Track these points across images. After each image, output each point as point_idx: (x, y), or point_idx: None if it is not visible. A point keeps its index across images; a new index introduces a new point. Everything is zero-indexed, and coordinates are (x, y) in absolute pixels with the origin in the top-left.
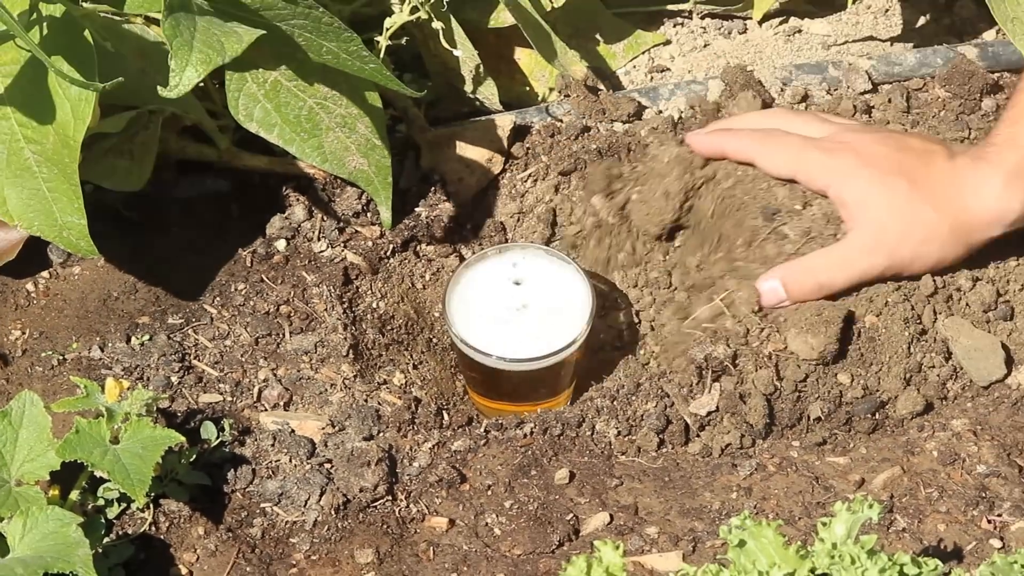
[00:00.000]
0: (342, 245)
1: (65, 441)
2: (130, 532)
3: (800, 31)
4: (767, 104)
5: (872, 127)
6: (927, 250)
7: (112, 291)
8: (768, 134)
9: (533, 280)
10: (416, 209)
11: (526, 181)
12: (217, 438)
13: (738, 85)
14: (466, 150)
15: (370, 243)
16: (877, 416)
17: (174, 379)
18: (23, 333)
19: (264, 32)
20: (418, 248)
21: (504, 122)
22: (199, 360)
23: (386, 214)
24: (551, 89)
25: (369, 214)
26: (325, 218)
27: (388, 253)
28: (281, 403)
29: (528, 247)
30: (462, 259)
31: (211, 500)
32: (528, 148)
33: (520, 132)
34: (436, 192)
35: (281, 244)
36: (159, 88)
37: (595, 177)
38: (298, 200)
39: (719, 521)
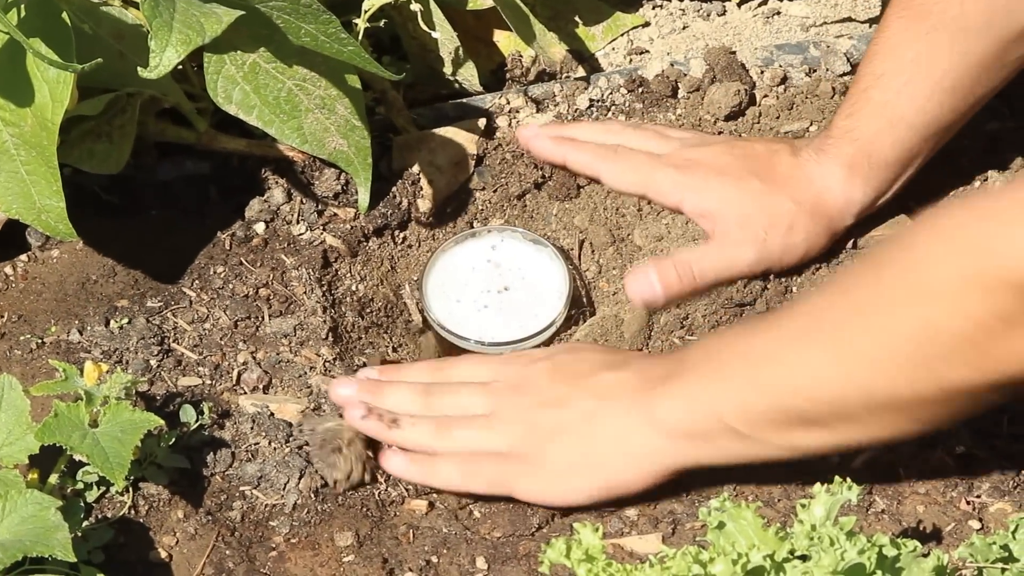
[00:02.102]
0: (321, 228)
1: (44, 424)
2: (109, 515)
3: (779, 13)
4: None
5: (712, 138)
6: (793, 239)
7: (91, 274)
8: (614, 151)
9: (510, 263)
10: (394, 196)
11: (500, 163)
12: (196, 421)
13: (720, 66)
14: (436, 155)
15: (349, 226)
16: None
17: (153, 362)
18: (1, 317)
19: (243, 13)
20: (395, 233)
21: (473, 127)
22: (178, 343)
23: (364, 196)
24: (529, 69)
25: (348, 194)
26: (304, 201)
27: (367, 236)
28: (260, 386)
29: (505, 230)
30: (441, 241)
31: (190, 483)
32: (502, 137)
33: (496, 117)
34: (415, 183)
35: (260, 227)
36: (140, 69)
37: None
38: (277, 183)
39: (698, 503)
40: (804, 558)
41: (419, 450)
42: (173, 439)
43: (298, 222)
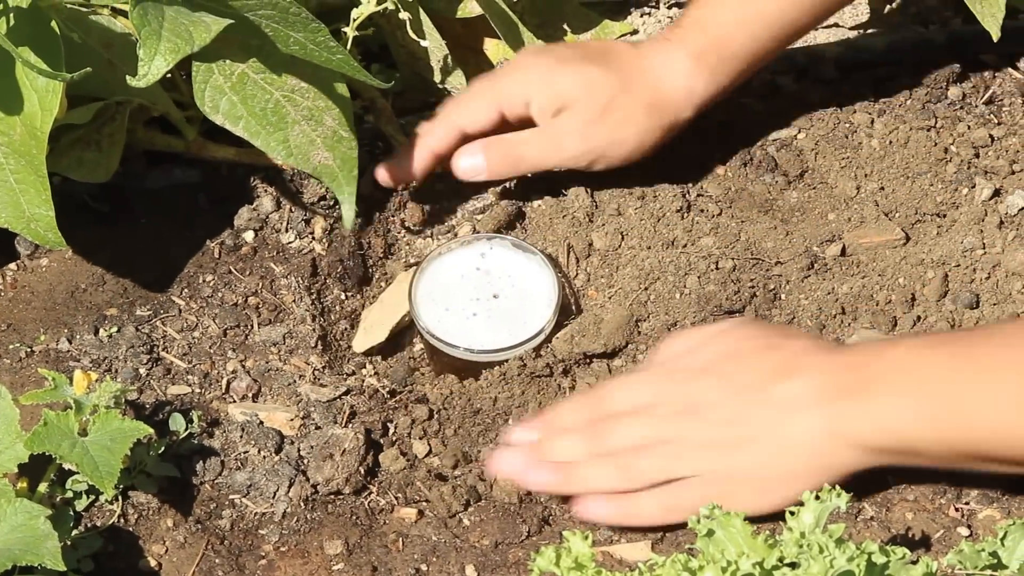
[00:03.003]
0: (310, 236)
1: (33, 433)
2: (99, 524)
3: None
4: None
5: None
6: (623, 133)
7: (80, 283)
8: (446, 105)
9: (499, 271)
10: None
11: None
12: (186, 430)
13: None
14: None
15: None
16: None
17: (142, 371)
18: None
19: (232, 21)
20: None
21: None
22: (167, 352)
23: (348, 212)
24: None
25: (339, 206)
26: (293, 209)
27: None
28: (250, 394)
29: (495, 238)
30: (430, 249)
31: (180, 492)
32: None
33: None
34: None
35: (249, 235)
36: (128, 77)
37: None
38: (266, 191)
39: None
40: (793, 565)
41: (609, 491)
42: (162, 448)
43: (287, 230)
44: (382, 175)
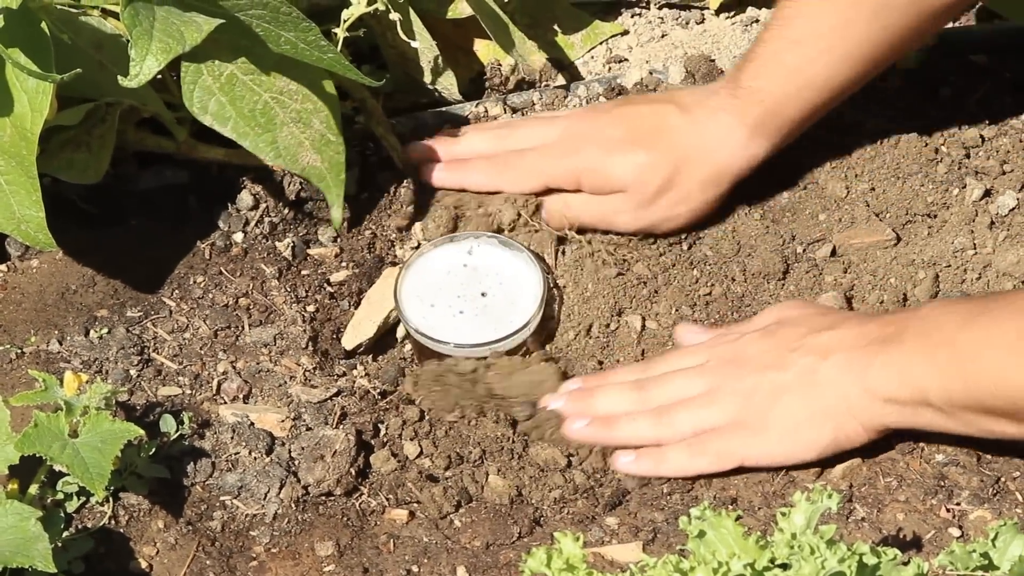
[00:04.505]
0: (299, 237)
1: (24, 435)
2: (89, 526)
3: (757, 21)
4: None
5: (598, 109)
6: (679, 210)
7: (70, 284)
8: (504, 161)
9: (486, 267)
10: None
11: None
12: (176, 431)
13: (699, 74)
14: None
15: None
16: None
17: (133, 372)
18: None
19: (223, 21)
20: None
21: None
22: (158, 353)
23: (336, 213)
24: (508, 78)
25: (326, 204)
26: (283, 210)
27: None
28: (240, 396)
29: (481, 235)
30: (418, 246)
31: (170, 493)
32: None
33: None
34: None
35: (239, 236)
36: (120, 77)
37: None
38: (255, 192)
39: (679, 512)
40: (784, 567)
41: (644, 444)
42: (153, 449)
43: (276, 231)
44: (430, 174)
